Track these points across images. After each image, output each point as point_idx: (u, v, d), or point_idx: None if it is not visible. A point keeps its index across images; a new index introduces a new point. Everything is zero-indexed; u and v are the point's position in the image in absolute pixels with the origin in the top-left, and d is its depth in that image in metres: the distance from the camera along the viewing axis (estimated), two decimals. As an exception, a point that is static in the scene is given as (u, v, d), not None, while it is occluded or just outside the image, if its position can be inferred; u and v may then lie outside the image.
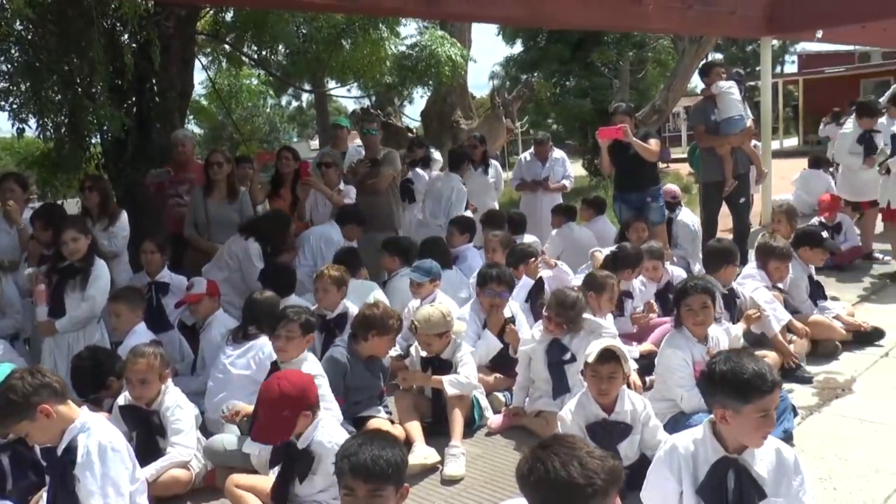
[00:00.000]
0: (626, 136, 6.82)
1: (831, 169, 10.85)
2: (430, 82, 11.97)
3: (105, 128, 7.32)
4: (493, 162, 9.41)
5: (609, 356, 3.46)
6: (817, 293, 5.99)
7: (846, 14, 9.51)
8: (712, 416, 2.80)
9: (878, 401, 4.62)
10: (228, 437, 4.09)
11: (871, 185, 7.92)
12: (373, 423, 4.24)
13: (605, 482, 2.14)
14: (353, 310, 5.06)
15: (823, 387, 4.90)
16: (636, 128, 7.28)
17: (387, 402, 4.62)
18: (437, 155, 9.66)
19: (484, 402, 4.68)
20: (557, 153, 9.41)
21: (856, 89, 27.70)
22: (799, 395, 4.74)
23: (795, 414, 4.33)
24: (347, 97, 21.01)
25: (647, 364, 4.83)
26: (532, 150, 9.53)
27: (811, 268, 6.07)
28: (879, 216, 7.97)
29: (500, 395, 4.86)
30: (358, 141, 8.27)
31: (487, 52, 69.36)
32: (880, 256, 8.28)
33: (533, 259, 5.95)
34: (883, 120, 7.94)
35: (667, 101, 16.57)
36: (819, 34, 10.73)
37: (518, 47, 25.93)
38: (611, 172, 7.50)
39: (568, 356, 4.36)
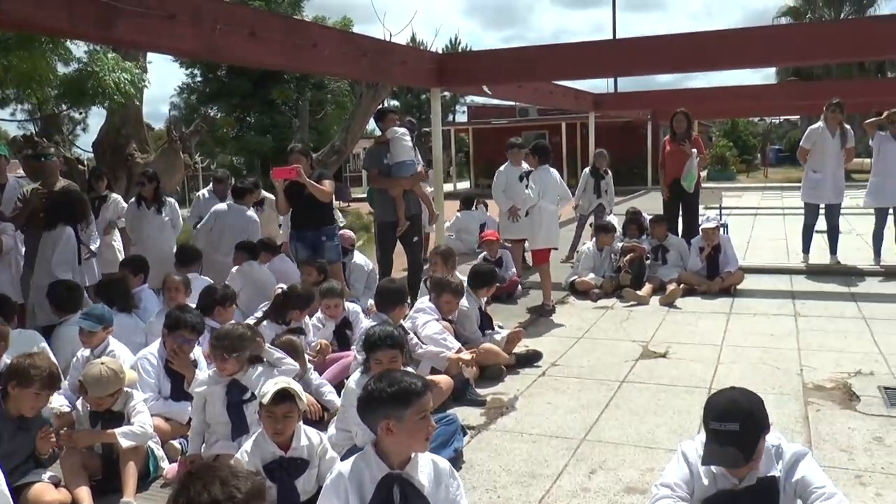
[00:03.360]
0: (299, 176, 6.95)
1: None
2: (104, 107, 11.10)
3: None
4: (170, 200, 9.04)
5: (284, 396, 3.49)
6: (486, 324, 6.54)
7: (504, 74, 10.58)
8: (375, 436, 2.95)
9: (535, 416, 5.16)
10: None
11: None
12: (35, 490, 3.85)
13: (247, 496, 2.31)
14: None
15: (490, 407, 5.34)
16: (312, 168, 7.45)
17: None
18: (115, 195, 9.01)
19: (159, 452, 4.45)
20: (237, 191, 9.26)
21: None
22: (469, 416, 5.12)
23: (465, 434, 4.67)
24: (8, 120, 18.97)
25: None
26: (211, 187, 9.31)
27: (482, 300, 6.61)
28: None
29: (175, 444, 4.65)
30: (20, 171, 7.50)
31: (168, 81, 66.49)
32: (525, 283, 9.32)
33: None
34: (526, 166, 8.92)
35: (345, 142, 17.05)
36: (485, 89, 11.81)
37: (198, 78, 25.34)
38: (287, 211, 7.56)
39: (248, 395, 4.30)
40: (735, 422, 2.85)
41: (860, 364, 6.01)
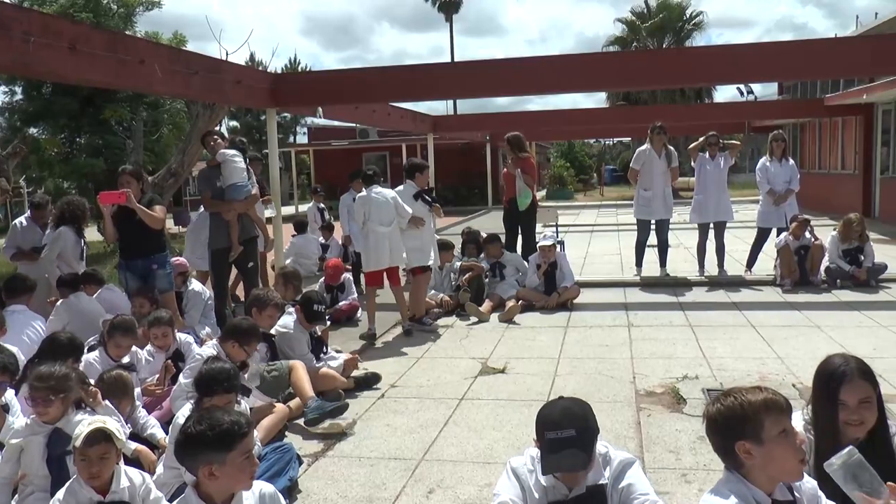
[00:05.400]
0: (128, 201, 6.59)
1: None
2: None
3: None
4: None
5: (98, 437, 3.25)
6: (319, 348, 6.41)
7: (340, 95, 10.53)
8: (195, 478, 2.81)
9: (374, 439, 5.09)
10: None
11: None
12: None
13: None
14: None
15: (328, 432, 5.19)
16: (143, 192, 7.08)
17: None
18: None
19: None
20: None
21: (359, 160, 30.99)
22: (305, 445, 4.99)
23: (301, 463, 4.52)
24: None
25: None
26: (29, 214, 8.68)
27: (315, 326, 6.47)
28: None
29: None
30: None
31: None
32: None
33: None
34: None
35: (182, 164, 16.35)
36: (319, 111, 11.68)
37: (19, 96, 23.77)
38: (115, 239, 7.14)
39: (71, 445, 3.96)
40: (571, 428, 2.89)
41: (687, 369, 6.35)
